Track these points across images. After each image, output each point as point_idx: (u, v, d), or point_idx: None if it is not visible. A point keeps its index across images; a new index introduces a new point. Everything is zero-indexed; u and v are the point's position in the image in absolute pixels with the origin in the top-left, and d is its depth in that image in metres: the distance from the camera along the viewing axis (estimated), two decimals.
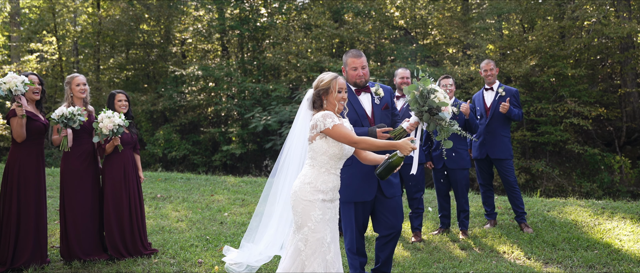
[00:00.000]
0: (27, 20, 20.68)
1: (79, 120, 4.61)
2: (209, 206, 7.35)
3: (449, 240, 5.67)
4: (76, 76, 4.91)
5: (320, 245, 3.12)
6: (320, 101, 3.29)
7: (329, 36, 17.46)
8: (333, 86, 3.25)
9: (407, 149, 3.13)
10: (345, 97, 3.30)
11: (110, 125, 4.63)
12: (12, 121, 4.42)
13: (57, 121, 4.55)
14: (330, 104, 3.27)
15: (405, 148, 3.13)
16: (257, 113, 15.89)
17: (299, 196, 3.18)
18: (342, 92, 3.28)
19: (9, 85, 4.26)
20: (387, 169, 3.23)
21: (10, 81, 4.26)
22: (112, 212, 4.88)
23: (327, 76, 3.28)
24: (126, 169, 4.99)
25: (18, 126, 4.39)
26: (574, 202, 7.36)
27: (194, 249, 5.22)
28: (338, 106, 3.28)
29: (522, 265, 4.78)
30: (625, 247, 5.17)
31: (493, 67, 6.09)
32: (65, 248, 4.74)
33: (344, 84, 3.31)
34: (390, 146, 3.13)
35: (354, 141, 3.13)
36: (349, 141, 3.13)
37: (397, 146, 3.14)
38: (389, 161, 3.23)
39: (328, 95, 3.26)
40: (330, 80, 3.26)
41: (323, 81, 3.27)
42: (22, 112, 4.34)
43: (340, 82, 3.27)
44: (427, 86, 3.49)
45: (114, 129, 4.66)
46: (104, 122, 4.63)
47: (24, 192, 4.50)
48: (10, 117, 4.43)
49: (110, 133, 4.67)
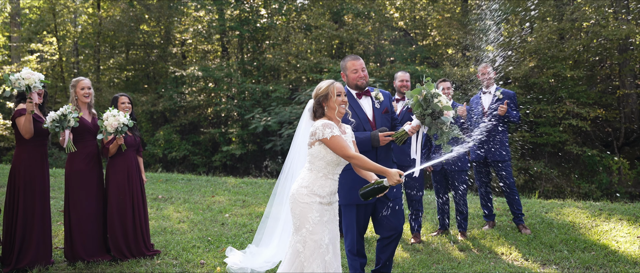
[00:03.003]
0: (28, 21, 20.73)
1: (73, 118, 4.62)
2: (210, 208, 7.40)
3: (448, 242, 5.74)
4: (82, 79, 4.97)
5: (319, 246, 3.19)
6: (321, 109, 3.36)
7: (328, 37, 17.52)
8: (331, 91, 3.34)
9: (394, 180, 3.16)
10: (345, 100, 3.38)
11: (115, 123, 4.69)
12: (19, 120, 4.46)
13: (52, 128, 4.55)
14: (331, 109, 3.34)
15: (393, 178, 3.16)
16: (257, 113, 15.95)
17: (296, 199, 3.25)
18: (341, 96, 3.36)
19: (28, 81, 4.34)
20: (371, 192, 3.26)
21: (30, 78, 4.35)
22: (116, 214, 4.94)
23: (324, 84, 3.39)
24: (129, 171, 5.05)
25: (27, 122, 4.43)
26: (572, 204, 7.42)
27: (196, 250, 5.28)
28: (339, 110, 3.35)
29: (520, 266, 4.84)
30: (622, 249, 5.24)
31: (490, 71, 6.16)
32: (69, 249, 4.80)
33: (342, 88, 3.40)
34: (381, 171, 3.18)
35: (349, 156, 3.19)
36: (344, 155, 3.19)
37: (388, 173, 3.17)
38: (374, 186, 3.25)
39: (328, 101, 3.34)
40: (328, 86, 3.36)
41: (321, 89, 3.37)
42: (32, 107, 4.40)
43: (337, 86, 3.37)
44: (431, 91, 3.55)
45: (118, 127, 4.72)
46: (109, 120, 4.69)
47: (29, 193, 4.56)
48: (17, 117, 4.48)
49: (115, 131, 4.73)
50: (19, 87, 4.34)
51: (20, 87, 4.34)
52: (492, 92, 6.14)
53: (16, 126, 4.55)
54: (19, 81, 4.33)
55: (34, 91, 4.41)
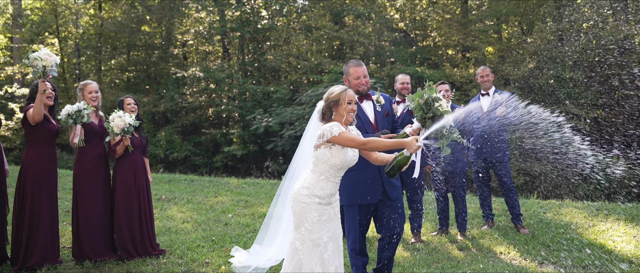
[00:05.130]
0: (30, 22, 20.83)
1: (87, 114, 4.74)
2: (213, 208, 7.51)
3: (447, 241, 5.83)
4: (89, 83, 5.07)
5: (316, 245, 3.30)
6: (330, 113, 3.45)
7: (329, 38, 17.63)
8: (343, 98, 3.41)
9: (413, 147, 3.30)
10: (354, 109, 3.46)
11: (121, 124, 4.79)
12: (29, 113, 4.56)
13: (66, 120, 4.69)
14: (339, 115, 3.43)
15: (411, 145, 3.30)
16: (258, 114, 16.05)
17: (297, 198, 3.37)
18: (351, 104, 3.44)
19: (46, 62, 4.39)
20: (395, 168, 3.41)
21: (48, 60, 4.40)
22: (122, 214, 5.03)
23: (337, 89, 3.46)
24: (136, 172, 5.15)
25: (38, 102, 4.46)
26: (570, 204, 7.52)
27: (201, 249, 5.38)
28: (347, 117, 3.44)
29: (518, 265, 4.94)
30: (618, 248, 5.34)
31: (489, 73, 6.26)
32: (77, 249, 4.89)
33: (354, 97, 3.47)
34: (397, 144, 3.30)
35: (362, 143, 3.30)
36: (357, 144, 3.29)
37: (404, 144, 3.31)
38: (397, 159, 3.40)
39: (338, 107, 3.42)
40: (340, 92, 3.43)
41: (333, 94, 3.44)
42: (44, 87, 4.47)
43: (349, 94, 3.44)
44: (432, 95, 3.66)
45: (124, 128, 4.82)
46: (116, 121, 4.80)
47: (37, 193, 4.65)
48: (28, 109, 4.58)
49: (122, 131, 4.84)
50: (35, 68, 4.38)
51: (36, 68, 4.38)
52: (491, 94, 6.24)
53: (26, 124, 4.65)
54: (37, 61, 4.37)
55: (50, 73, 4.44)
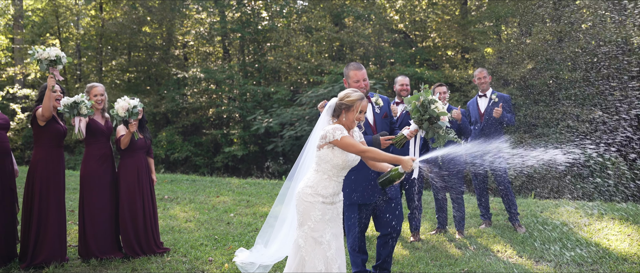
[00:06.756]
0: (31, 23, 20.93)
1: (85, 106, 4.82)
2: (215, 207, 7.62)
3: (446, 240, 5.94)
4: (96, 86, 5.18)
5: (319, 243, 3.40)
6: (339, 112, 3.52)
7: (329, 39, 17.74)
8: (356, 106, 3.45)
9: (408, 166, 3.37)
10: (362, 119, 3.53)
11: (126, 105, 4.90)
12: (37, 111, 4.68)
13: (63, 111, 4.78)
14: (347, 119, 3.49)
15: (407, 165, 3.37)
16: (259, 115, 16.16)
17: (301, 197, 3.46)
18: (362, 113, 3.50)
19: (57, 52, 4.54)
20: (387, 181, 3.49)
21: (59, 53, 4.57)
22: (127, 213, 5.14)
23: (354, 95, 3.48)
24: (140, 172, 5.25)
25: (47, 99, 4.61)
26: (567, 203, 7.64)
27: (204, 248, 5.49)
28: (352, 125, 3.52)
29: (515, 263, 5.05)
30: (612, 246, 5.45)
31: (486, 76, 6.38)
32: (83, 247, 5.00)
33: (367, 107, 3.53)
34: (395, 160, 3.37)
35: (362, 151, 3.37)
36: (357, 151, 3.37)
37: (401, 161, 3.37)
38: (391, 173, 3.47)
39: (349, 112, 3.47)
40: (356, 99, 3.46)
41: (349, 98, 3.47)
42: (53, 83, 4.61)
43: (363, 104, 3.48)
44: (428, 97, 3.77)
45: (129, 109, 4.92)
46: (120, 104, 4.91)
47: (45, 192, 4.76)
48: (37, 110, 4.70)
49: (126, 113, 4.93)
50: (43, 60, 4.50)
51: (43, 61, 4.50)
52: (488, 95, 6.36)
53: (35, 125, 4.76)
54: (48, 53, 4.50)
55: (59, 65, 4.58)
